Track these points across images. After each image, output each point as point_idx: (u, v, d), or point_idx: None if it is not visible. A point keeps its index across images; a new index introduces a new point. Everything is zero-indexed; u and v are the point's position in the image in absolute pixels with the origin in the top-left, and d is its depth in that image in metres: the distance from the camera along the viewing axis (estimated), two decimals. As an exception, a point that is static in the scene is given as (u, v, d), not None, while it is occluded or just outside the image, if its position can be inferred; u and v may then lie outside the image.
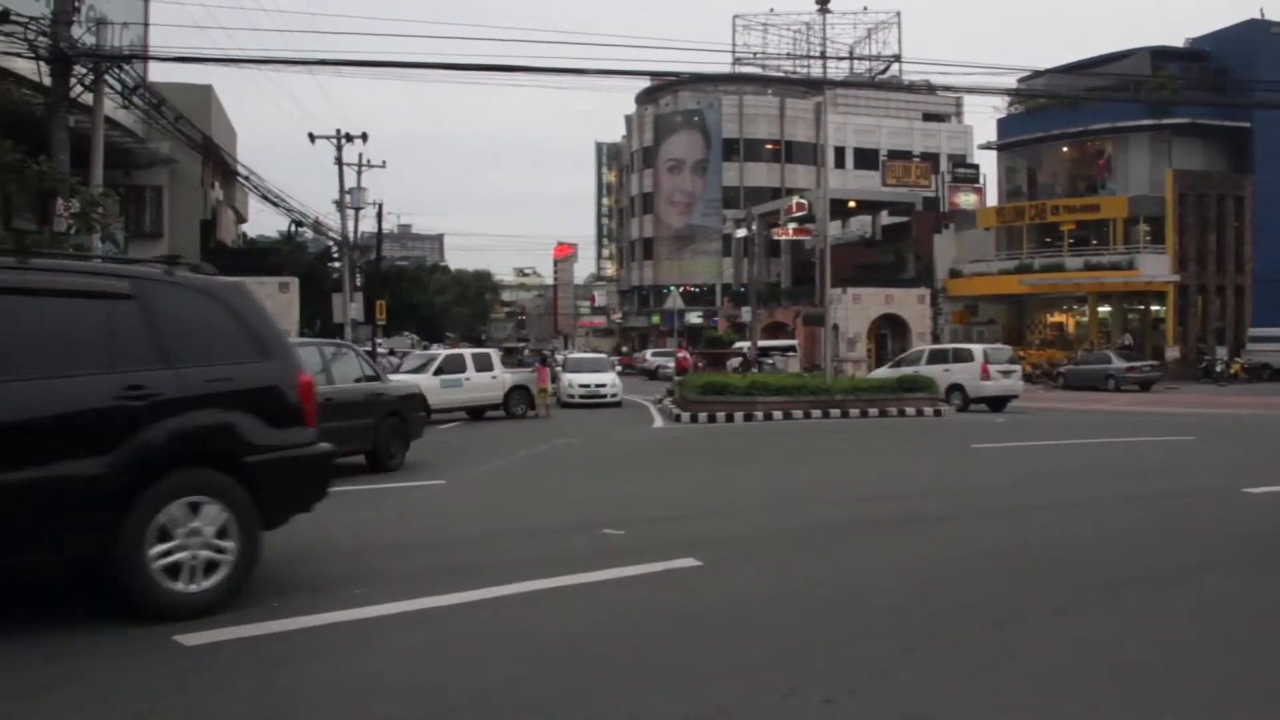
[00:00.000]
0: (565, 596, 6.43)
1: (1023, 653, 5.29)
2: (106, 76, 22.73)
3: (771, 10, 79.50)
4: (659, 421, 25.29)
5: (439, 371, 25.22)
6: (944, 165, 76.89)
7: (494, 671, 4.90)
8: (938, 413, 26.10)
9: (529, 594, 6.41)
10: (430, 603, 6.13)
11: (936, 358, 30.53)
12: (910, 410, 25.93)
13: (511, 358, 41.69)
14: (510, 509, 10.77)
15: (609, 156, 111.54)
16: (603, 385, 33.06)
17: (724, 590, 6.68)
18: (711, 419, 24.38)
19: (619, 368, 43.57)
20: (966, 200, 64.62)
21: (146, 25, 36.40)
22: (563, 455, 16.74)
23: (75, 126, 21.70)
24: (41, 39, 20.65)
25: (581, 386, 33.06)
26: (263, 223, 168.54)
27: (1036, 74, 47.84)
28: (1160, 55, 51.06)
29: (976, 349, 30.66)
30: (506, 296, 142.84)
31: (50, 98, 21.07)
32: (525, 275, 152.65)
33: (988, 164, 70.28)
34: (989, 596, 6.53)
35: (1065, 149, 55.00)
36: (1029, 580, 7.04)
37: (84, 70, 21.92)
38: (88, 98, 22.39)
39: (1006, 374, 29.12)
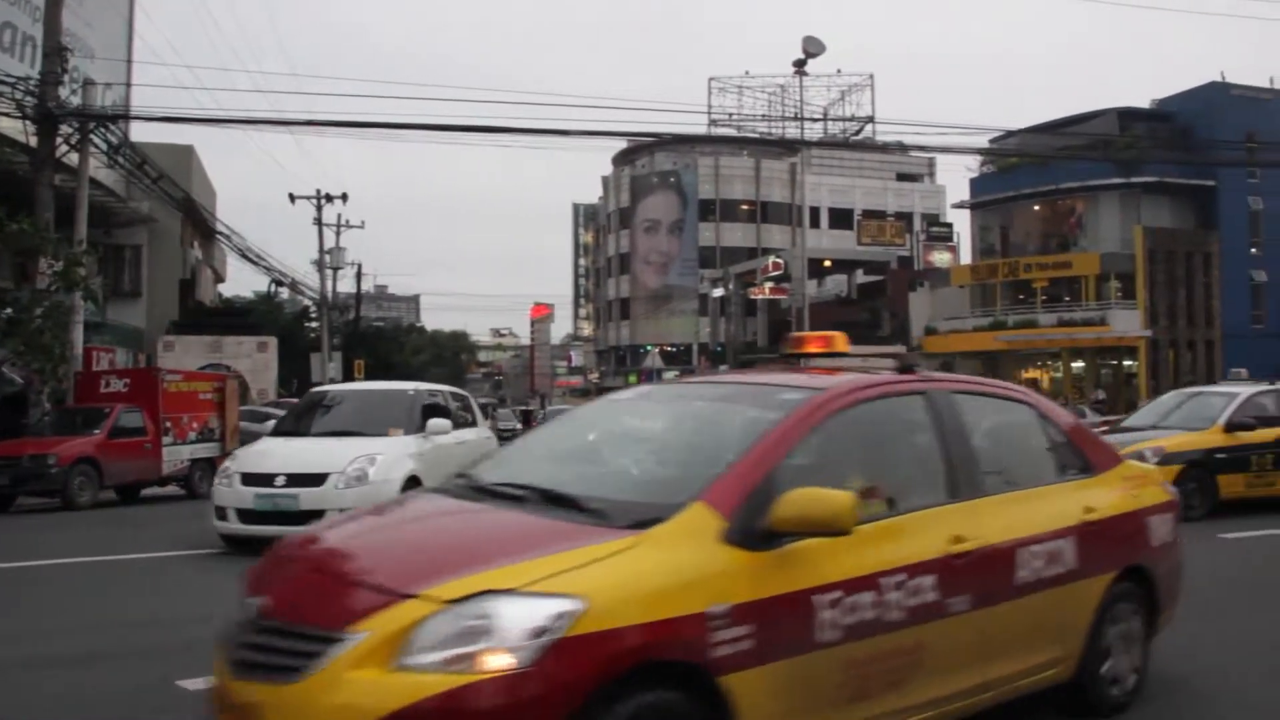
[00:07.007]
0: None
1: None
2: (91, 136, 23.01)
3: (747, 73, 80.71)
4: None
5: None
6: (918, 224, 77.81)
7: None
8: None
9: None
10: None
11: None
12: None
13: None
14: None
15: (586, 217, 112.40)
16: (312, 479, 10.85)
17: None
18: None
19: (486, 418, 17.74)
20: (940, 258, 65.35)
21: (129, 86, 36.83)
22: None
23: (58, 185, 21.92)
24: (28, 99, 20.95)
25: (249, 484, 11.03)
26: (241, 281, 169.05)
27: (1008, 134, 48.86)
28: (1128, 116, 52.00)
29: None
30: (483, 357, 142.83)
31: (35, 157, 21.33)
32: (502, 335, 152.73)
33: (961, 223, 71.16)
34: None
35: (1037, 207, 55.85)
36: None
37: (69, 130, 22.20)
38: (71, 157, 22.63)
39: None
